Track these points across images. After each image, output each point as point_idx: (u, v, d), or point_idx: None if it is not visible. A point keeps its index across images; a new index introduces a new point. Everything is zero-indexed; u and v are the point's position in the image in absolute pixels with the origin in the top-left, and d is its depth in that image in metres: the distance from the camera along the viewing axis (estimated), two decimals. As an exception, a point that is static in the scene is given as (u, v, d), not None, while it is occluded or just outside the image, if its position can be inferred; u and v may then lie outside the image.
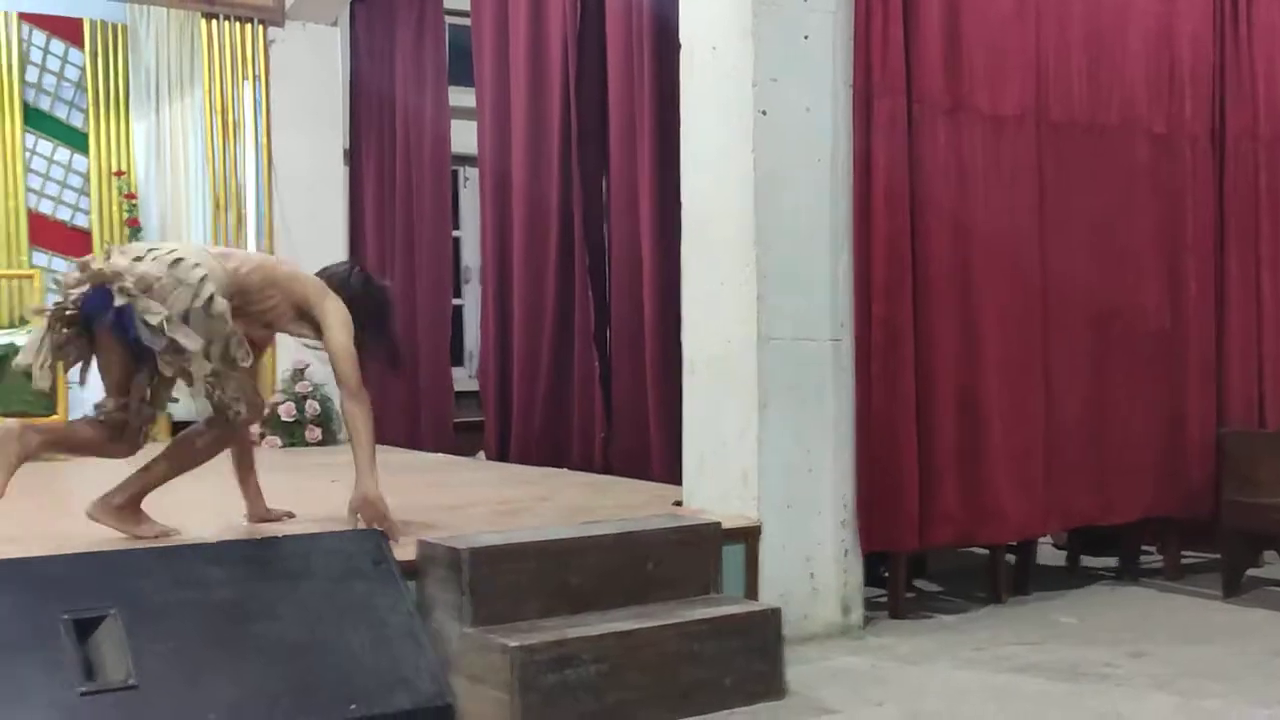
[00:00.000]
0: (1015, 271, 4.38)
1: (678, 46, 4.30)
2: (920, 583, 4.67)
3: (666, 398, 4.99)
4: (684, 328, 4.23)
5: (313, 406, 7.07)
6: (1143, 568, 4.88)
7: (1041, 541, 4.83)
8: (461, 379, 7.51)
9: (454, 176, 7.32)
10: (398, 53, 7.17)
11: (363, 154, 7.57)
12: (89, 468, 4.65)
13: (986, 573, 4.49)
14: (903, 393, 4.11)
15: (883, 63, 4.11)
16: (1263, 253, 5.02)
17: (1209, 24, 4.91)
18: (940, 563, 4.86)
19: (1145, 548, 4.97)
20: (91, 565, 2.48)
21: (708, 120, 4.11)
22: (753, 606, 3.51)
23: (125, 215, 7.75)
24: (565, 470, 5.61)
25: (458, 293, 7.90)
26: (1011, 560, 4.58)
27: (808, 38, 3.99)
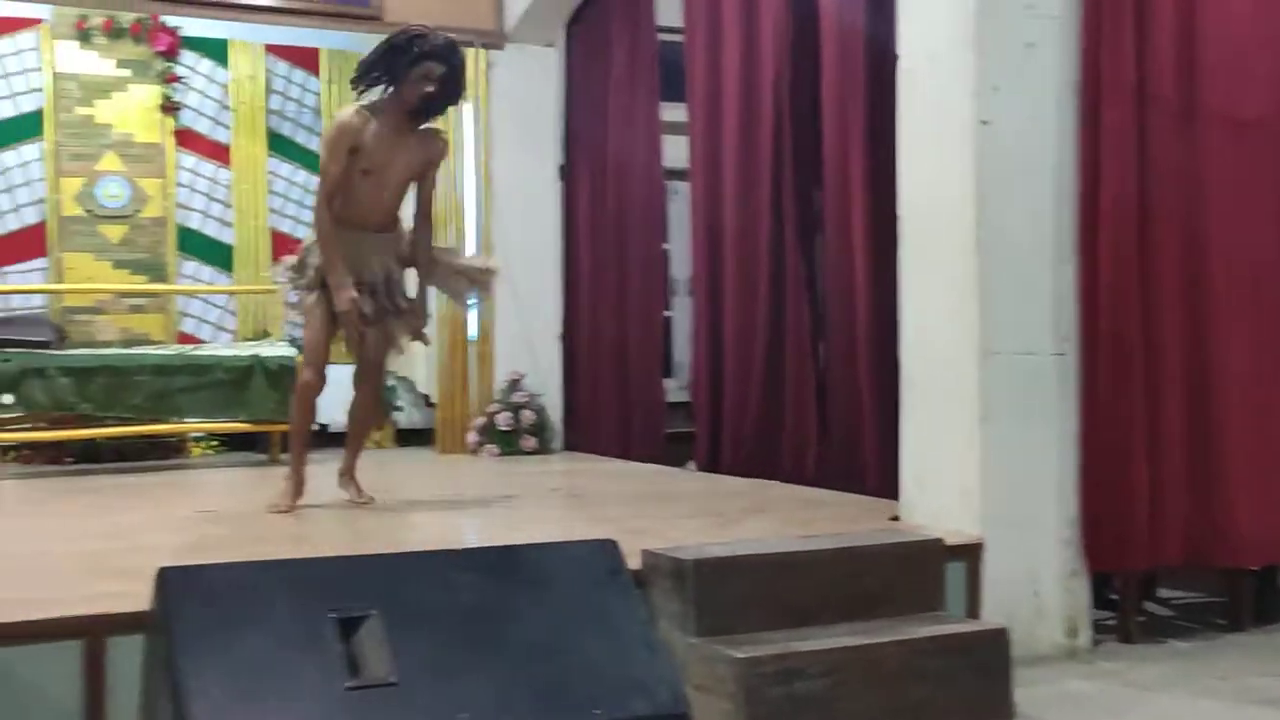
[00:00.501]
0: (1256, 284, 4.19)
1: (892, 57, 4.30)
2: (1151, 606, 4.52)
3: (881, 411, 4.97)
4: (902, 341, 4.21)
5: (528, 416, 7.27)
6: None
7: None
8: (670, 390, 7.61)
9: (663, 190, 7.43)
10: (611, 71, 7.33)
11: (576, 170, 7.76)
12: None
13: (1225, 599, 4.31)
14: (1130, 408, 3.99)
15: (1112, 67, 4.01)
16: None
17: None
18: (1173, 586, 4.69)
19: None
20: (354, 568, 2.64)
21: (926, 131, 4.09)
22: (979, 625, 3.48)
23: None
24: (777, 482, 5.63)
25: (667, 305, 8.02)
26: (1255, 586, 4.39)
27: (1031, 44, 3.93)
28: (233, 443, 7.52)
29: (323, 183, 4.57)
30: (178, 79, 7.83)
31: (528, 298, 7.51)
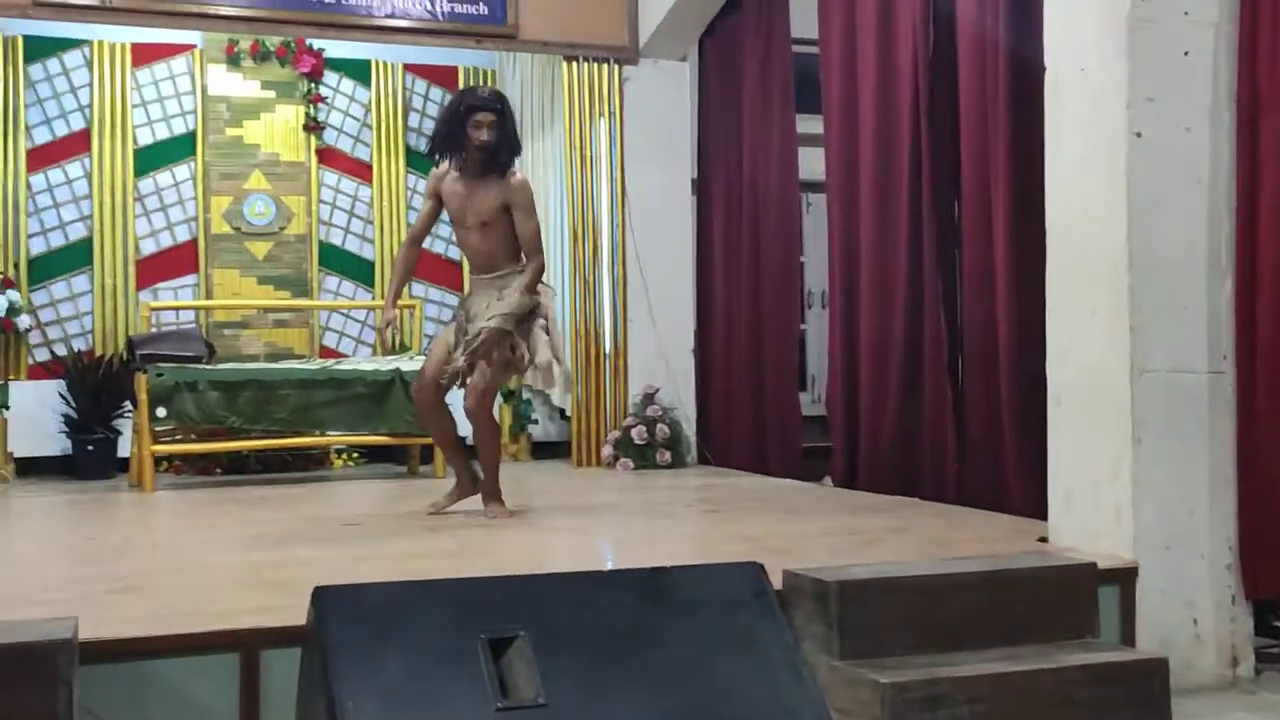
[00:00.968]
0: None
1: (1036, 68, 4.20)
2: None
3: (1024, 428, 4.87)
4: (1049, 358, 4.11)
5: (663, 430, 7.29)
6: None
7: None
8: (806, 404, 7.56)
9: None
10: (745, 83, 7.32)
11: (710, 183, 7.77)
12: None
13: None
14: (1293, 428, 3.84)
15: (1271, 75, 3.86)
16: None
17: None
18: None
19: None
20: (502, 589, 2.67)
21: (1075, 144, 3.99)
22: (1135, 654, 3.37)
23: (490, 247, 8.26)
24: (916, 499, 5.54)
25: (802, 318, 7.97)
26: None
27: (1187, 53, 3.81)
28: (372, 455, 7.69)
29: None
30: (321, 99, 8.05)
31: (662, 311, 7.53)
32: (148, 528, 5.38)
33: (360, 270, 8.21)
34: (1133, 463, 3.73)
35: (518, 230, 5.01)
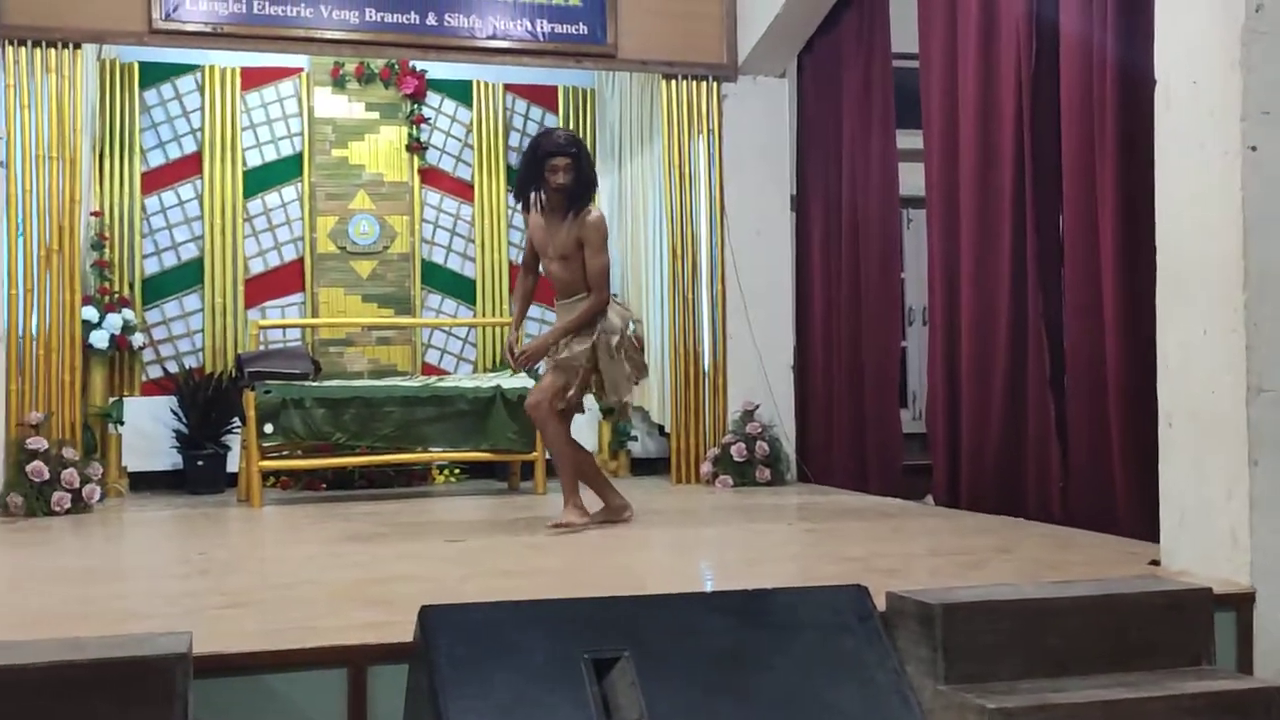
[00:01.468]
0: None
1: (1144, 80, 4.12)
2: None
3: (1133, 448, 4.76)
4: (1160, 377, 4.02)
5: (762, 448, 7.26)
6: None
7: None
8: (906, 421, 7.47)
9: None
10: (845, 98, 7.28)
11: (809, 199, 7.74)
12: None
13: None
14: None
15: (1392, 87, 3.75)
16: None
17: None
18: None
19: None
20: (605, 609, 2.67)
21: (1187, 159, 3.90)
22: (1253, 682, 3.26)
23: (588, 264, 8.31)
24: (1021, 520, 5.45)
25: (902, 334, 7.89)
26: None
27: (1305, 65, 3.71)
28: (474, 471, 7.77)
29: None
30: (424, 120, 8.17)
31: (761, 328, 7.52)
32: (256, 542, 5.49)
33: (462, 288, 8.31)
34: (1249, 484, 3.62)
35: (586, 265, 5.34)
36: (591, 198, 5.41)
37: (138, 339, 7.44)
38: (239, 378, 7.01)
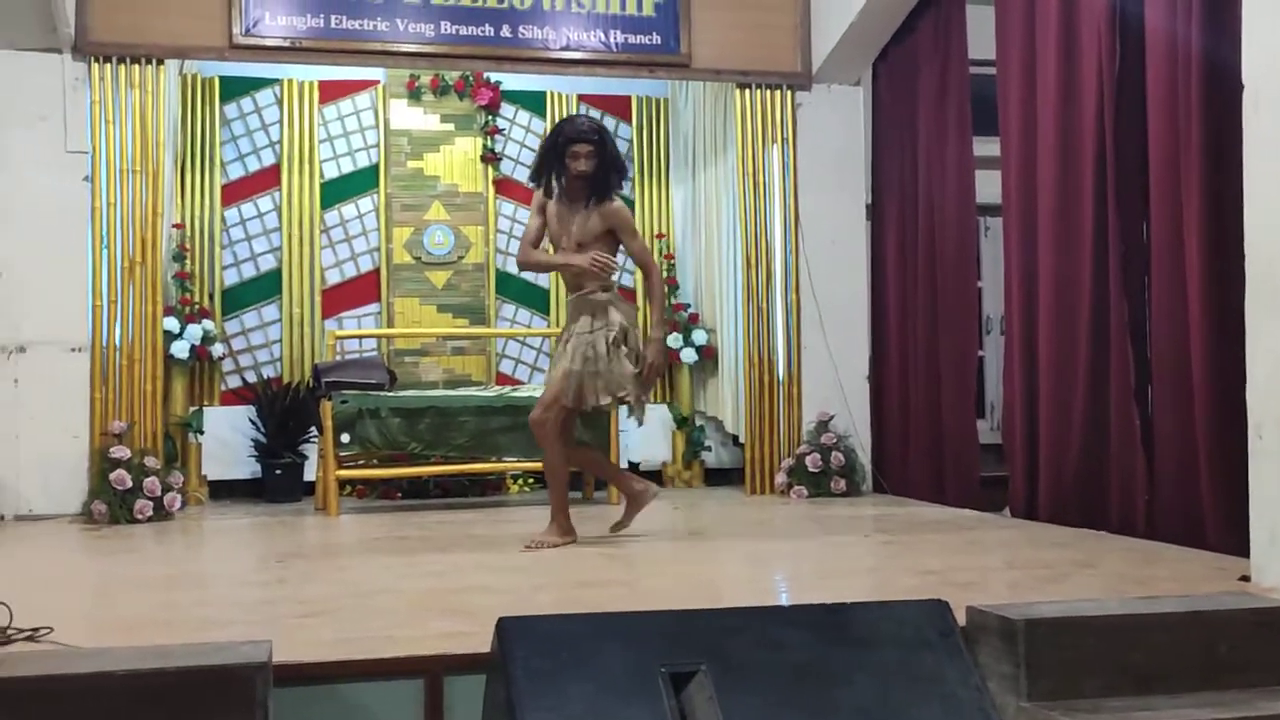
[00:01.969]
0: None
1: (1232, 82, 4.03)
2: None
3: (1222, 461, 4.65)
4: (1249, 387, 3.92)
5: (837, 458, 7.20)
6: None
7: None
8: (982, 431, 7.37)
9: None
10: (920, 106, 7.21)
11: (884, 207, 7.67)
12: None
13: None
14: None
15: None
16: None
17: None
18: None
19: None
20: (682, 622, 2.65)
21: (1277, 163, 3.81)
22: (1350, 703, 3.17)
23: (664, 275, 8.30)
24: (1104, 533, 5.34)
25: (979, 344, 7.79)
26: None
27: (1399, 68, 3.61)
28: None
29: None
30: (498, 130, 8.23)
31: (836, 338, 7.46)
32: (333, 551, 5.54)
33: (536, 298, 8.34)
34: (1344, 499, 3.53)
35: (627, 249, 5.24)
36: (619, 186, 5.22)
37: (217, 349, 7.55)
38: (316, 388, 7.09)
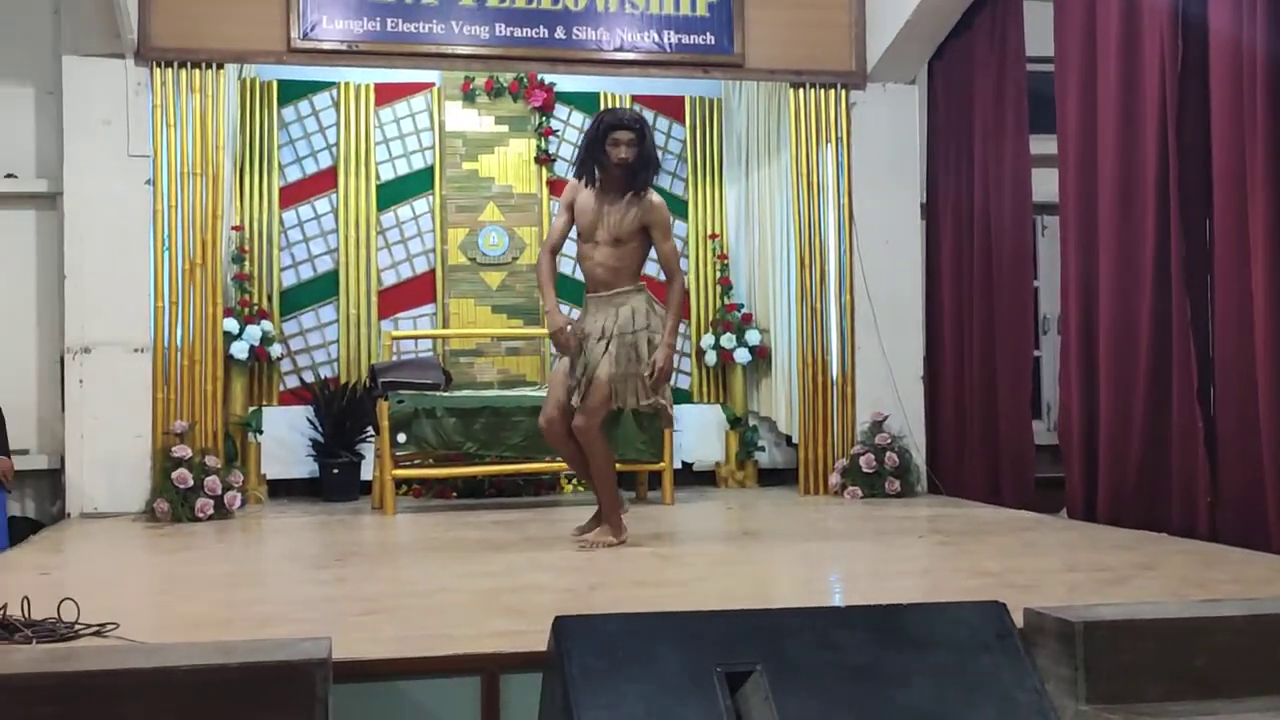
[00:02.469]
0: None
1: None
2: None
3: (1285, 462, 4.60)
4: (1314, 388, 3.87)
5: (891, 459, 7.16)
6: None
7: None
8: (1038, 432, 7.30)
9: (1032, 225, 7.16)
10: (976, 104, 7.16)
11: (939, 207, 7.62)
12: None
13: None
14: None
15: None
16: None
17: None
18: None
19: None
20: (738, 622, 2.66)
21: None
22: None
23: (718, 275, 8.31)
24: (1164, 535, 5.28)
25: (1036, 344, 7.72)
26: None
27: None
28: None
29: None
30: (552, 132, 8.25)
31: (891, 338, 7.43)
32: (390, 550, 5.59)
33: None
34: None
35: (657, 249, 5.16)
36: (652, 180, 5.16)
37: (276, 350, 7.64)
38: (373, 388, 7.15)
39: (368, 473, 7.34)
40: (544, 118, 8.24)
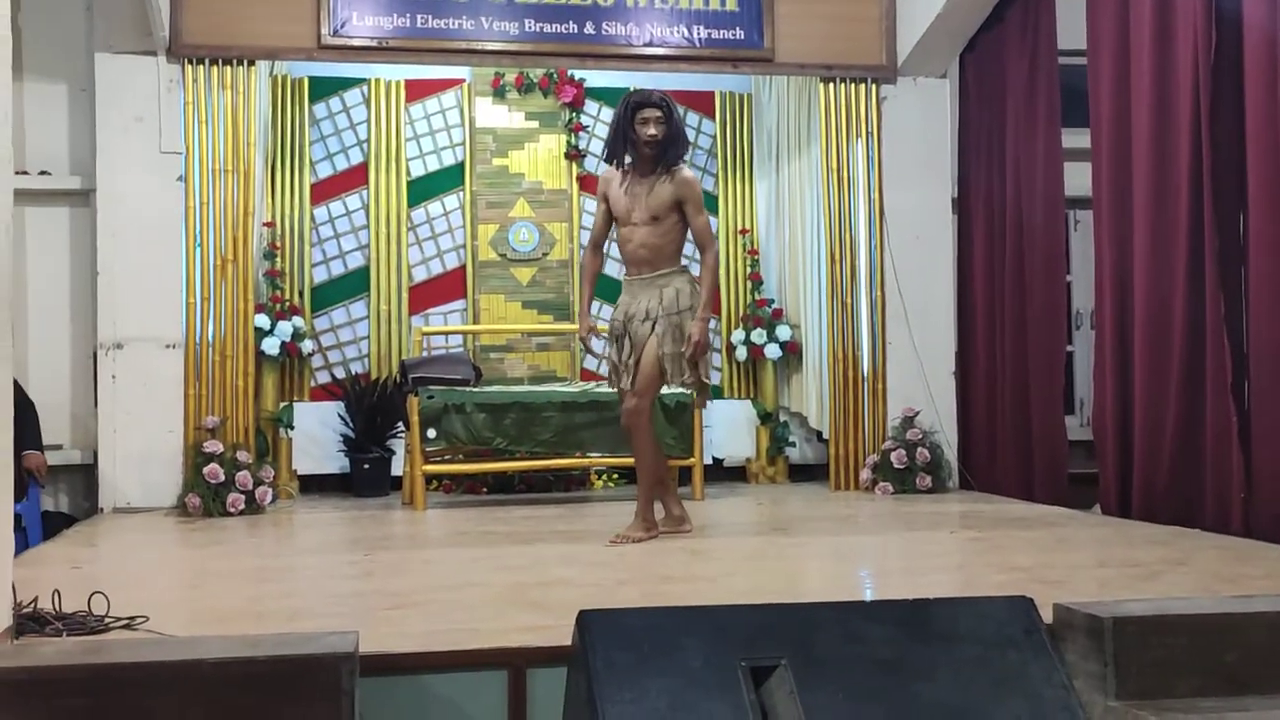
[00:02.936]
0: None
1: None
2: None
3: (1322, 458, 4.54)
4: (1350, 383, 3.82)
5: (923, 454, 7.13)
6: None
7: None
8: (1071, 428, 7.25)
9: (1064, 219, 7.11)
10: (1008, 98, 7.11)
11: (971, 201, 7.57)
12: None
13: None
14: None
15: None
16: None
17: None
18: None
19: None
20: (763, 616, 2.65)
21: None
22: None
23: (748, 270, 8.29)
24: (1198, 531, 5.23)
25: (1068, 339, 7.66)
26: None
27: None
28: (631, 476, 7.78)
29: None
30: (582, 127, 8.26)
31: (922, 333, 7.39)
32: (420, 545, 5.61)
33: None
34: None
35: (691, 222, 5.18)
36: (683, 156, 5.21)
37: (307, 345, 7.68)
38: (403, 383, 7.17)
39: (398, 468, 7.37)
40: (574, 113, 8.24)
